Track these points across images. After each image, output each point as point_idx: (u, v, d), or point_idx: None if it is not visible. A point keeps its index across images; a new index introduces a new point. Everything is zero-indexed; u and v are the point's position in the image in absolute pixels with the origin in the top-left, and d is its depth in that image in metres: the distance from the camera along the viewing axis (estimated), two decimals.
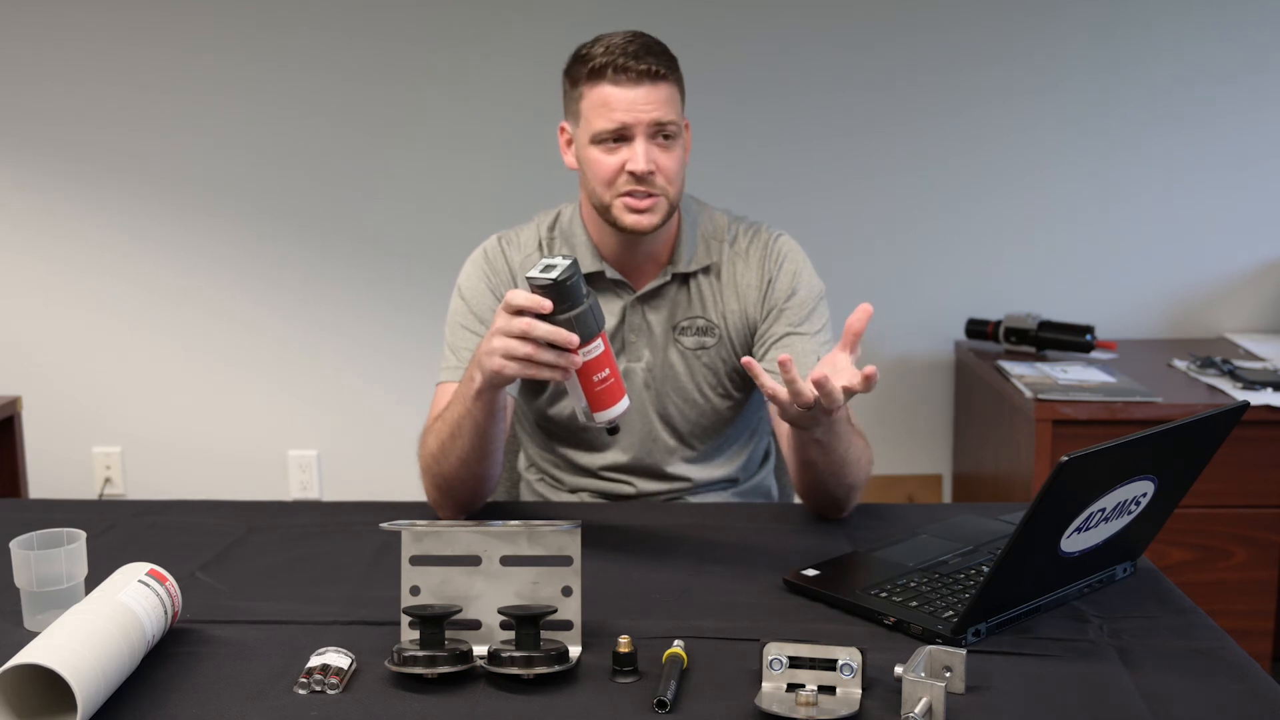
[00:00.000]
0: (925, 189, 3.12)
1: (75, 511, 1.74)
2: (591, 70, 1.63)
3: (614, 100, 1.62)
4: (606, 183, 1.66)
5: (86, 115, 3.12)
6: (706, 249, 1.78)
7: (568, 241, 1.78)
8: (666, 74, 1.63)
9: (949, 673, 1.13)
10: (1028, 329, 2.88)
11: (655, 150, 1.64)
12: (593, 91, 1.64)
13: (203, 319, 3.22)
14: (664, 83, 1.63)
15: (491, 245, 1.80)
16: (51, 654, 1.04)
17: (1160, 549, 2.44)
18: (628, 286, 1.76)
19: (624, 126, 1.62)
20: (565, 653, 1.17)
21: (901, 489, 3.24)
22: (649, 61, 1.62)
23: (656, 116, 1.62)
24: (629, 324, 1.76)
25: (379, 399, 3.25)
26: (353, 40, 3.09)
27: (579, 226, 1.77)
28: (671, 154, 1.65)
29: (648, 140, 1.63)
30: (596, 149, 1.65)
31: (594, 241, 1.76)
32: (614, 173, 1.64)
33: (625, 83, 1.61)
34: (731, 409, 1.83)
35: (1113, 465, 1.21)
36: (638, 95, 1.61)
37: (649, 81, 1.62)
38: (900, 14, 3.06)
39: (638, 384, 1.78)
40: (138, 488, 3.27)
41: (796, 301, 1.76)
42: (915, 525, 1.60)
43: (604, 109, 1.62)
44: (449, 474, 1.60)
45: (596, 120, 1.64)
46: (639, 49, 1.62)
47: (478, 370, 1.47)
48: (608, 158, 1.64)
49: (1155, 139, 3.07)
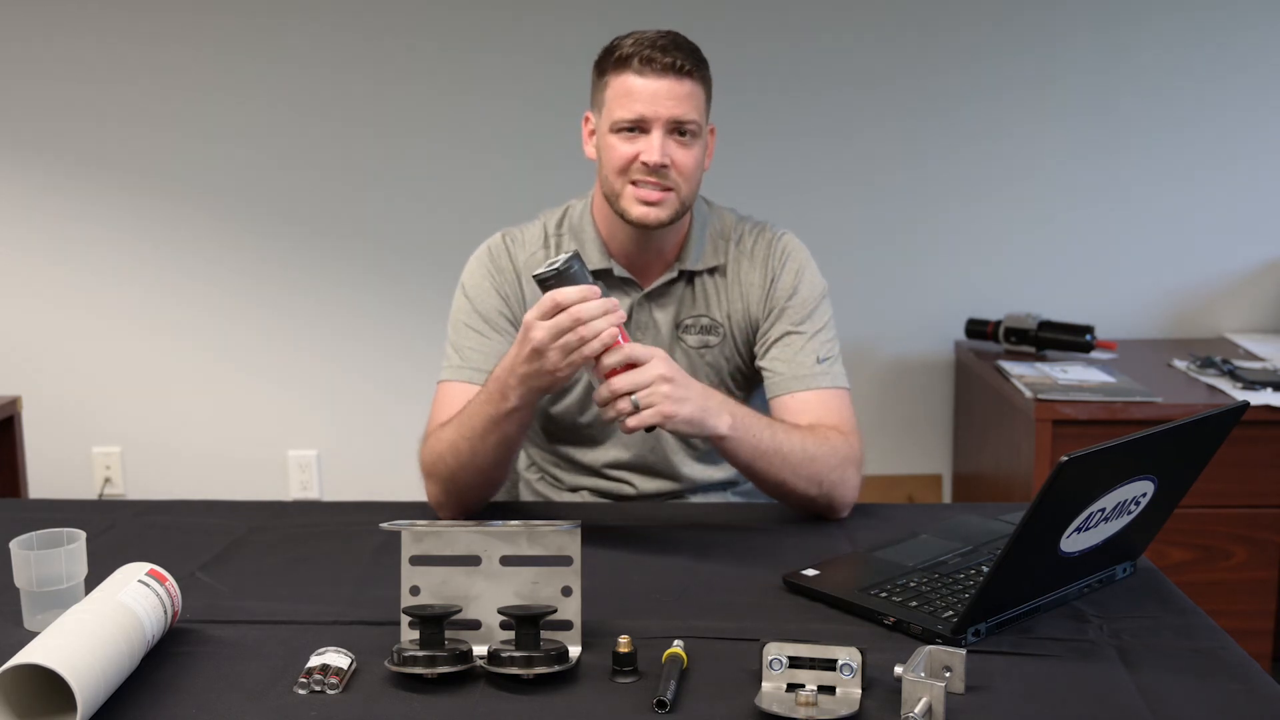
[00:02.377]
0: (925, 189, 3.12)
1: (75, 511, 1.74)
2: (618, 59, 1.63)
3: (636, 90, 1.62)
4: (619, 170, 1.65)
5: (86, 114, 3.12)
6: (714, 249, 1.78)
7: (576, 237, 1.77)
8: (692, 70, 1.63)
9: (949, 673, 1.13)
10: (1028, 329, 2.88)
11: (672, 145, 1.63)
12: (617, 80, 1.64)
13: (203, 319, 3.22)
14: (689, 79, 1.62)
15: (496, 243, 1.79)
16: (51, 654, 1.04)
17: (1160, 549, 2.44)
18: (635, 284, 1.76)
19: (642, 118, 1.62)
20: (565, 653, 1.17)
21: (901, 489, 3.24)
22: (675, 56, 1.61)
23: (676, 113, 1.62)
24: (635, 321, 1.76)
25: (379, 399, 3.24)
26: (354, 39, 3.09)
27: (589, 222, 1.77)
28: (689, 151, 1.65)
29: (665, 134, 1.62)
30: (614, 137, 1.65)
31: (603, 238, 1.75)
32: (627, 161, 1.64)
33: (650, 74, 1.61)
34: None
35: (1113, 465, 1.21)
36: (660, 88, 1.61)
37: (673, 75, 1.61)
38: (899, 13, 3.06)
39: None
40: (138, 488, 3.27)
41: (798, 300, 1.75)
42: (915, 525, 1.60)
43: (626, 98, 1.62)
44: (464, 481, 1.60)
45: (617, 108, 1.63)
46: (668, 44, 1.63)
47: (513, 391, 1.48)
48: (623, 146, 1.64)
49: (1155, 139, 3.07)
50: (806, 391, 1.70)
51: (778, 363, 1.73)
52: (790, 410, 1.70)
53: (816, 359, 1.72)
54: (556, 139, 3.01)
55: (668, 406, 1.45)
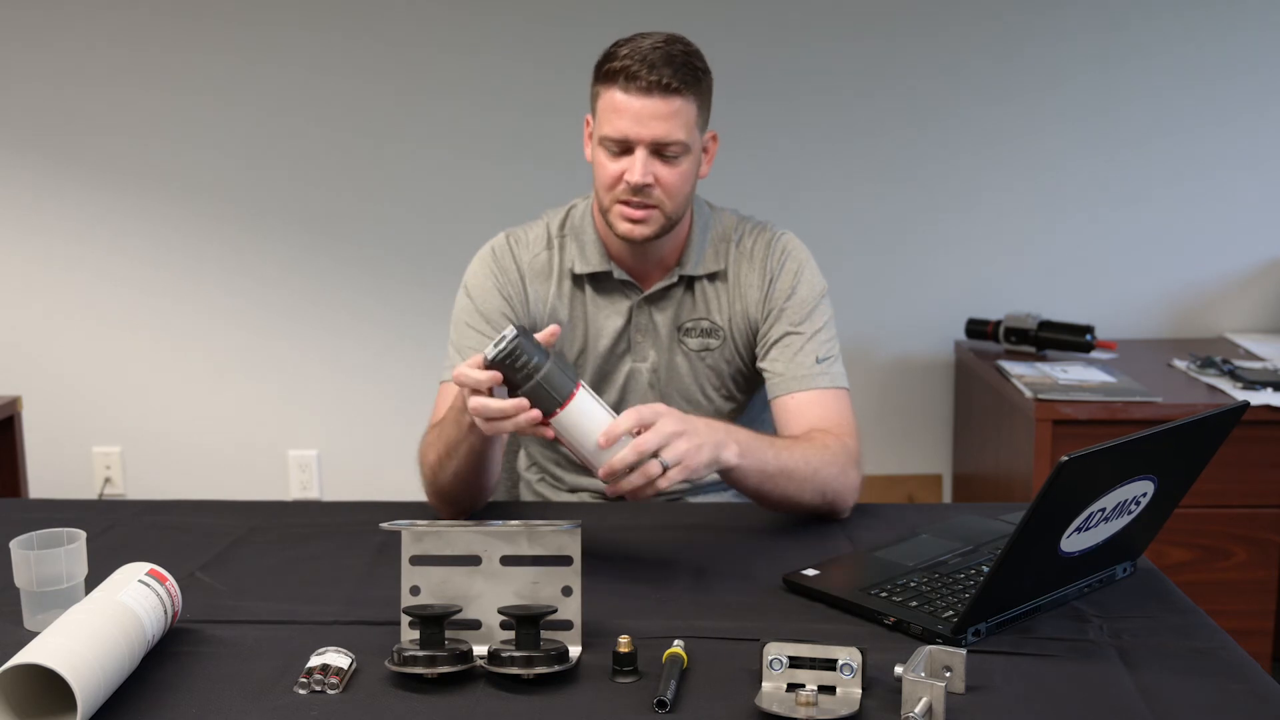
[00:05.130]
0: (925, 189, 3.12)
1: (75, 511, 1.74)
2: (607, 73, 1.62)
3: (621, 108, 1.60)
4: (607, 187, 1.65)
5: (87, 116, 3.12)
6: (715, 254, 1.77)
7: (577, 238, 1.76)
8: (680, 88, 1.59)
9: (949, 673, 1.13)
10: (1028, 329, 2.88)
11: (656, 164, 1.62)
12: (606, 94, 1.62)
13: (203, 319, 3.22)
14: (676, 97, 1.59)
15: (500, 244, 1.78)
16: (51, 654, 1.04)
17: (1160, 549, 2.44)
18: (635, 287, 1.76)
19: (626, 138, 1.61)
20: (565, 653, 1.17)
21: (901, 489, 3.24)
22: (663, 73, 1.58)
23: (659, 134, 1.60)
24: (635, 324, 1.76)
25: (379, 399, 3.25)
26: (351, 41, 3.09)
27: (590, 224, 1.76)
28: (674, 169, 1.63)
29: (649, 154, 1.61)
30: (602, 152, 1.65)
31: (603, 240, 1.75)
32: (614, 180, 1.64)
33: (635, 92, 1.59)
34: (734, 411, 1.83)
35: (1113, 465, 1.21)
36: (645, 107, 1.59)
37: (659, 94, 1.58)
38: (899, 14, 3.06)
39: (642, 385, 1.78)
40: (138, 488, 3.27)
41: (796, 300, 1.75)
42: (915, 525, 1.60)
43: (612, 114, 1.61)
44: (446, 488, 1.60)
45: (604, 124, 1.63)
46: (659, 59, 1.59)
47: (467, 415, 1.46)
48: (610, 164, 1.64)
49: (1155, 139, 3.07)
50: (806, 392, 1.70)
51: (777, 363, 1.73)
52: (790, 411, 1.70)
53: (816, 359, 1.72)
54: (555, 142, 3.02)
55: (691, 459, 1.39)
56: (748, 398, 1.83)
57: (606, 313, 1.76)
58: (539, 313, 1.76)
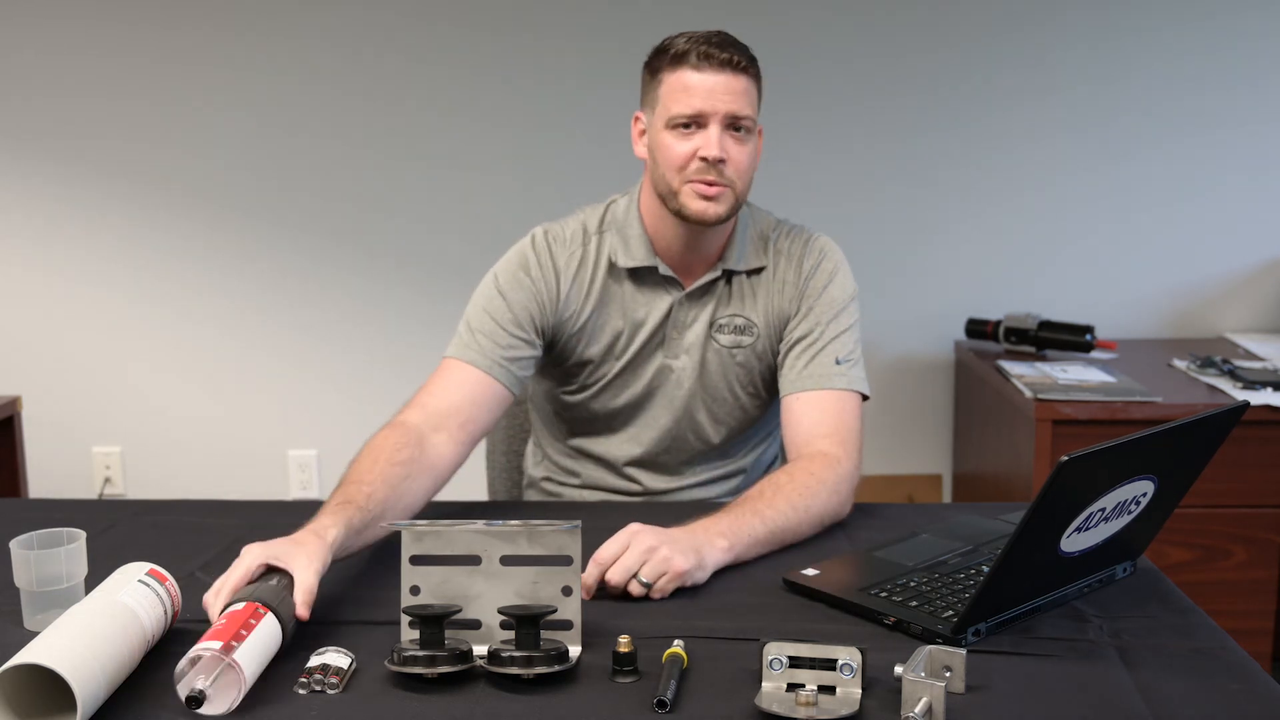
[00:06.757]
0: (926, 189, 3.12)
1: (75, 511, 1.74)
2: (674, 56, 1.63)
3: (694, 85, 1.61)
4: (677, 168, 1.64)
5: (87, 119, 3.12)
6: (756, 251, 1.77)
7: (620, 233, 1.75)
8: (748, 67, 1.63)
9: (949, 673, 1.13)
10: (1028, 329, 2.88)
11: (728, 141, 1.63)
12: (672, 76, 1.63)
13: (203, 319, 3.22)
14: (744, 75, 1.63)
15: (539, 242, 1.76)
16: (51, 654, 1.04)
17: (1160, 549, 2.44)
18: (678, 283, 1.75)
19: (700, 114, 1.61)
20: (565, 653, 1.17)
21: (901, 489, 3.24)
22: (732, 52, 1.62)
23: (734, 108, 1.61)
24: (673, 320, 1.76)
25: (379, 399, 3.24)
26: (351, 49, 3.09)
27: (635, 219, 1.75)
28: (744, 148, 1.65)
29: (722, 130, 1.62)
30: (670, 134, 1.64)
31: (649, 235, 1.74)
32: (686, 158, 1.63)
33: (707, 69, 1.61)
34: (758, 409, 1.83)
35: (1113, 465, 1.21)
36: (718, 83, 1.61)
37: (730, 71, 1.61)
38: (900, 19, 3.06)
39: (671, 381, 1.78)
40: (138, 488, 3.27)
41: (827, 299, 1.75)
42: (915, 525, 1.60)
43: (683, 94, 1.62)
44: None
45: (673, 104, 1.63)
46: (723, 40, 1.63)
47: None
48: (680, 143, 1.63)
49: (1155, 140, 3.07)
50: (813, 392, 1.70)
51: (797, 360, 1.73)
52: (794, 413, 1.70)
53: (836, 360, 1.71)
54: (557, 151, 3.01)
55: (677, 563, 1.37)
56: (771, 397, 1.83)
57: (645, 308, 1.76)
58: (571, 312, 1.75)
